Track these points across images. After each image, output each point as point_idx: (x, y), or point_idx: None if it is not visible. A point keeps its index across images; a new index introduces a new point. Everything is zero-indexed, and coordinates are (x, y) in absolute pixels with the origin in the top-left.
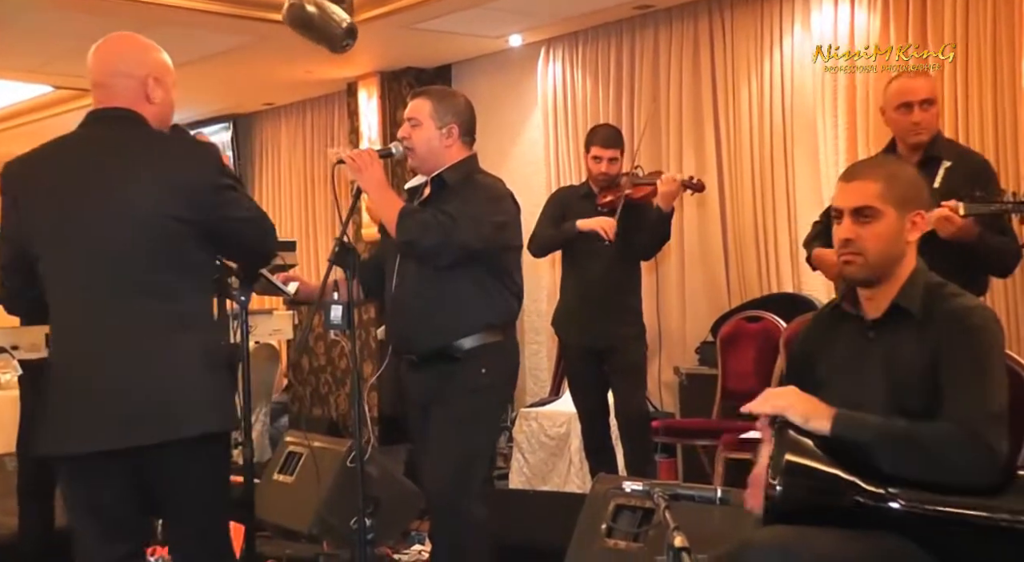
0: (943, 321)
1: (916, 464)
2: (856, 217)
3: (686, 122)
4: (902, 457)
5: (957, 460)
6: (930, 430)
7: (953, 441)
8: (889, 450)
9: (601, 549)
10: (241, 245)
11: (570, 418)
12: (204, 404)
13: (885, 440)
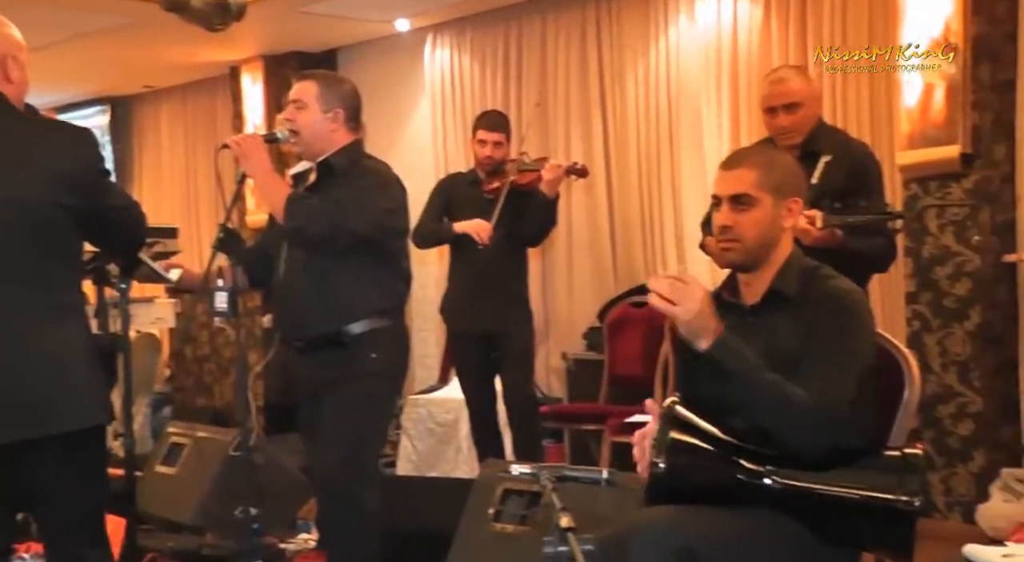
0: (817, 302)
1: (766, 413)
2: (734, 204)
3: (573, 109)
4: (760, 400)
5: (798, 432)
6: (793, 392)
7: (804, 414)
8: (752, 388)
9: (489, 533)
10: (117, 233)
11: (458, 405)
12: (81, 397)
13: (753, 379)
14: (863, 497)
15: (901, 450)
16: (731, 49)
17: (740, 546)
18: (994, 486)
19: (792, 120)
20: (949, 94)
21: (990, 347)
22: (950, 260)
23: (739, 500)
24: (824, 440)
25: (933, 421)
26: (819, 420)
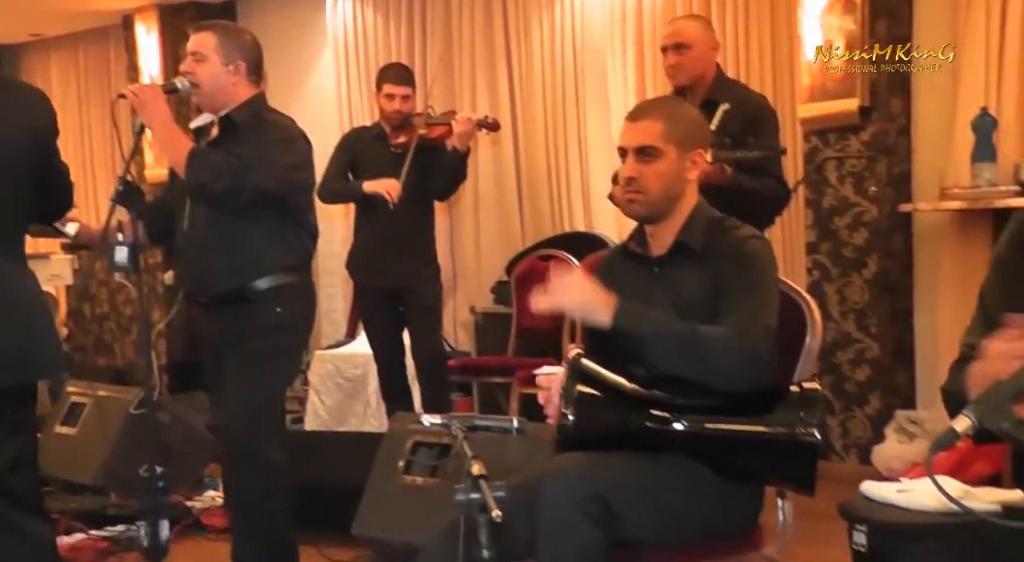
0: (722, 252)
1: (689, 362)
2: (639, 156)
3: (479, 62)
4: (677, 354)
5: (728, 363)
6: (708, 332)
7: (727, 345)
8: (666, 346)
9: (399, 486)
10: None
11: (366, 360)
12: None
13: (664, 336)
14: (767, 434)
15: (800, 386)
16: (636, 2)
17: (649, 489)
18: (889, 428)
19: (679, 59)
20: (848, 49)
21: (886, 295)
22: (848, 211)
23: (648, 446)
24: (755, 367)
25: (832, 367)
26: (744, 348)
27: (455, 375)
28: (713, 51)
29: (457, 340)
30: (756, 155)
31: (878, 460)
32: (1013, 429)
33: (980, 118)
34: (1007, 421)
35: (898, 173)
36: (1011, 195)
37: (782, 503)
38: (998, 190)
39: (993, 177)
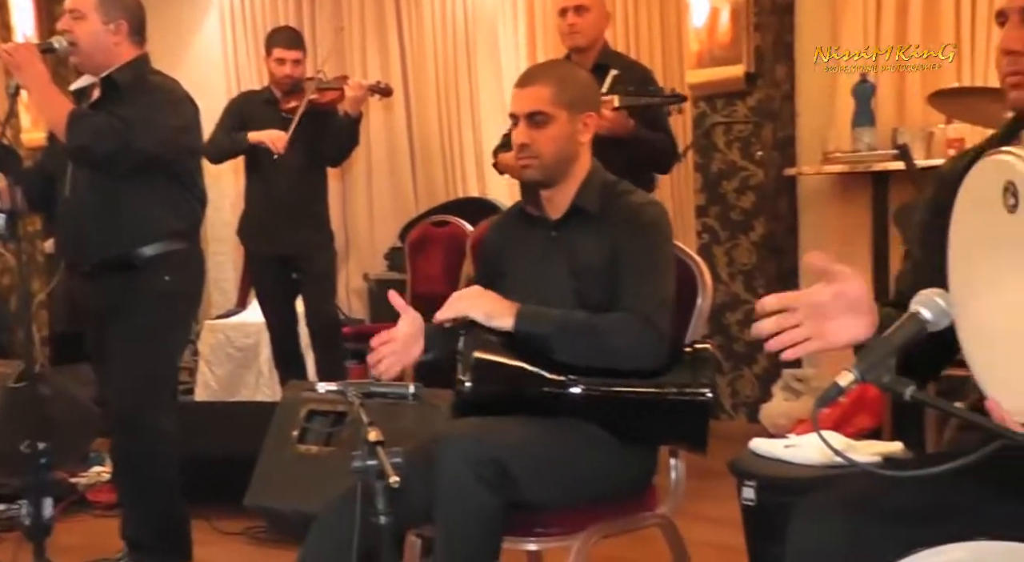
0: (618, 218)
1: (592, 352)
2: (530, 121)
3: (369, 26)
4: (579, 346)
5: (629, 344)
6: (605, 320)
7: (626, 328)
8: (568, 341)
9: (293, 455)
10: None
11: (258, 328)
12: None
13: (564, 331)
14: (661, 394)
15: (692, 346)
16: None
17: (546, 453)
18: (776, 386)
19: (577, 20)
20: (734, 16)
21: (773, 256)
22: (736, 175)
23: (545, 410)
24: (656, 343)
25: (721, 328)
26: (644, 329)
27: (349, 343)
28: (606, 19)
29: (351, 307)
30: (659, 100)
31: (765, 418)
32: (893, 382)
33: (859, 84)
34: (888, 375)
35: (783, 138)
36: (889, 159)
37: (675, 462)
38: (877, 154)
39: (872, 141)
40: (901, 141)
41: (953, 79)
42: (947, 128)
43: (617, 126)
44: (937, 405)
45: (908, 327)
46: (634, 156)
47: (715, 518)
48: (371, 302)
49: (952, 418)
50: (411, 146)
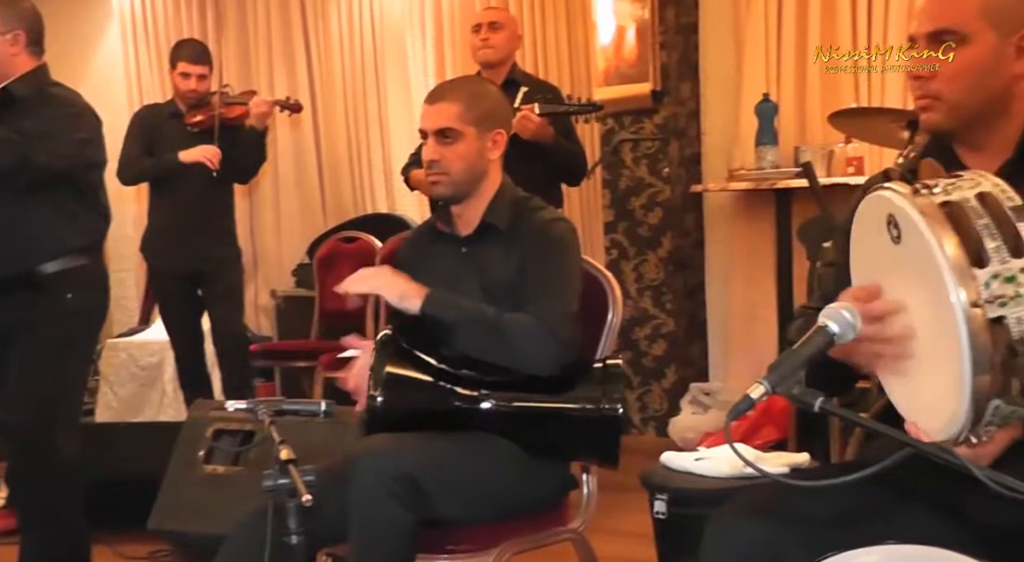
0: (527, 234)
1: (495, 348)
2: (440, 138)
3: (275, 41)
4: (484, 340)
5: (533, 349)
6: (513, 319)
7: (532, 332)
8: (473, 332)
9: (199, 475)
10: None
11: (162, 347)
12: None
13: (471, 322)
14: (572, 409)
15: (603, 362)
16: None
17: (458, 468)
18: (684, 400)
19: (492, 35)
20: (639, 35)
21: (680, 272)
22: (644, 191)
23: (457, 425)
24: (558, 352)
25: (631, 343)
26: (548, 335)
27: (257, 360)
28: (517, 40)
29: (258, 324)
30: (576, 109)
31: (674, 431)
32: (803, 394)
33: (762, 103)
34: (797, 387)
35: (689, 155)
36: (792, 176)
37: (587, 477)
38: (780, 171)
39: (776, 159)
40: (803, 159)
41: (852, 100)
42: (846, 147)
43: (541, 131)
44: (846, 416)
45: (816, 340)
46: (551, 166)
47: (627, 532)
48: (279, 319)
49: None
50: (319, 161)
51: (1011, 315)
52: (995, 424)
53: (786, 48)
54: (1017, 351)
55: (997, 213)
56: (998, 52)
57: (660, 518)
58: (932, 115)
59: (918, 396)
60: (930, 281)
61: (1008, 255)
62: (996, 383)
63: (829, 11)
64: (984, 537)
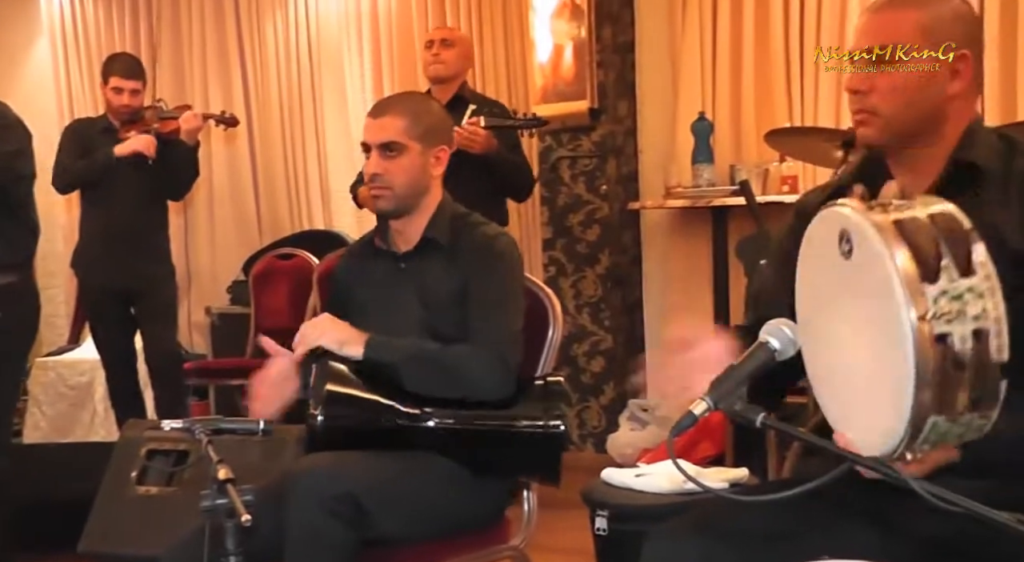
0: (469, 249)
1: (441, 383)
2: (383, 152)
3: (210, 55)
4: (428, 376)
5: (479, 377)
6: (455, 351)
7: (477, 360)
8: (416, 370)
9: (132, 497)
10: None
11: (93, 366)
12: None
13: (413, 361)
14: (515, 427)
15: (544, 379)
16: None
17: (399, 486)
18: (622, 417)
19: (444, 53)
20: (577, 53)
21: (618, 288)
22: (582, 208)
23: (399, 444)
24: (507, 376)
25: (569, 359)
26: (494, 361)
27: (191, 378)
28: (469, 60)
29: (192, 342)
30: (521, 123)
31: (612, 448)
32: (745, 410)
33: (698, 122)
34: (739, 403)
35: (626, 172)
36: (728, 194)
37: (527, 494)
38: (717, 189)
39: (712, 177)
40: (739, 177)
41: (786, 119)
42: (781, 165)
43: (487, 144)
44: (787, 431)
45: (758, 356)
46: (497, 181)
47: (568, 549)
48: (213, 337)
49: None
50: (255, 177)
51: (956, 333)
52: (930, 442)
53: (721, 67)
54: (963, 364)
55: (948, 233)
56: (932, 73)
57: (601, 534)
58: (868, 130)
59: (855, 411)
60: (879, 295)
61: (957, 274)
62: (937, 399)
63: (763, 31)
64: (920, 550)
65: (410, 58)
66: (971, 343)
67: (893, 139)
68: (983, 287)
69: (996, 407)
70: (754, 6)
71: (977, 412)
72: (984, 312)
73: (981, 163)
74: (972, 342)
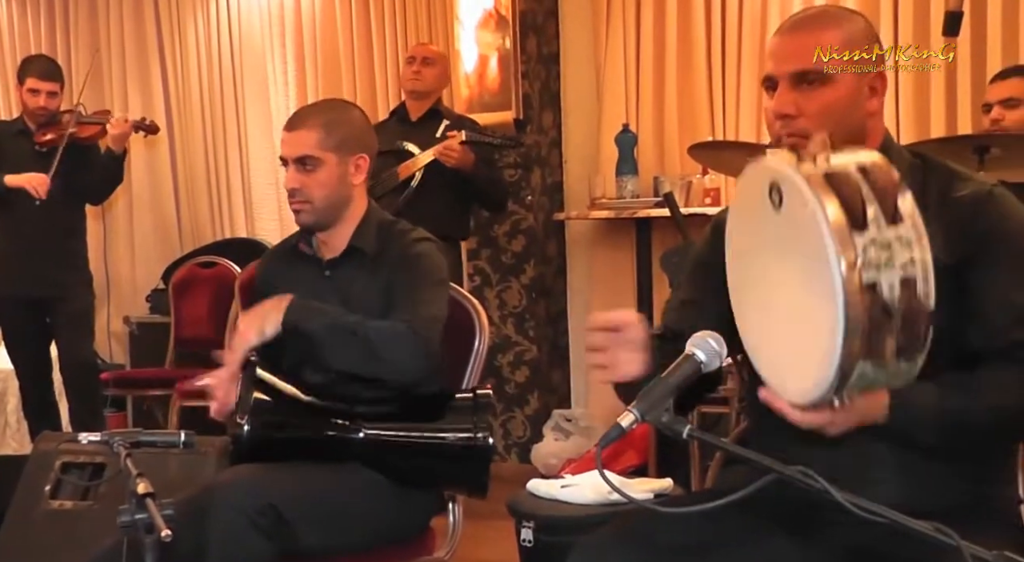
0: (393, 255)
1: (361, 356)
2: (299, 166)
3: (130, 59)
4: (349, 348)
5: (398, 353)
6: (377, 324)
7: (398, 337)
8: (338, 340)
9: (45, 511)
10: None
11: (5, 376)
12: None
13: (334, 330)
14: (445, 440)
15: (473, 391)
16: (294, 2)
17: (323, 498)
18: (547, 427)
19: (424, 70)
20: (502, 64)
21: (542, 299)
22: (507, 218)
23: (326, 455)
24: (422, 358)
25: (494, 369)
26: (413, 338)
27: (108, 389)
28: (447, 79)
29: (110, 353)
30: (499, 142)
31: (537, 458)
32: (671, 422)
33: (622, 134)
34: (666, 415)
35: (551, 183)
36: (652, 206)
37: (453, 506)
38: (641, 201)
39: (636, 189)
40: (663, 189)
41: (708, 132)
42: (704, 178)
43: (464, 159)
44: (713, 442)
45: (684, 368)
46: (473, 194)
47: (493, 560)
48: (132, 346)
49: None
50: (176, 184)
51: (884, 281)
52: (858, 388)
53: (644, 79)
54: (891, 311)
55: (876, 183)
56: (857, 91)
57: (527, 546)
58: None
59: (785, 361)
60: (809, 245)
61: (885, 222)
62: (866, 346)
63: (686, 43)
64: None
65: (334, 61)
66: (899, 291)
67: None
68: (911, 235)
69: (923, 352)
70: (677, 18)
71: (903, 358)
72: (911, 260)
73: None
74: (900, 290)
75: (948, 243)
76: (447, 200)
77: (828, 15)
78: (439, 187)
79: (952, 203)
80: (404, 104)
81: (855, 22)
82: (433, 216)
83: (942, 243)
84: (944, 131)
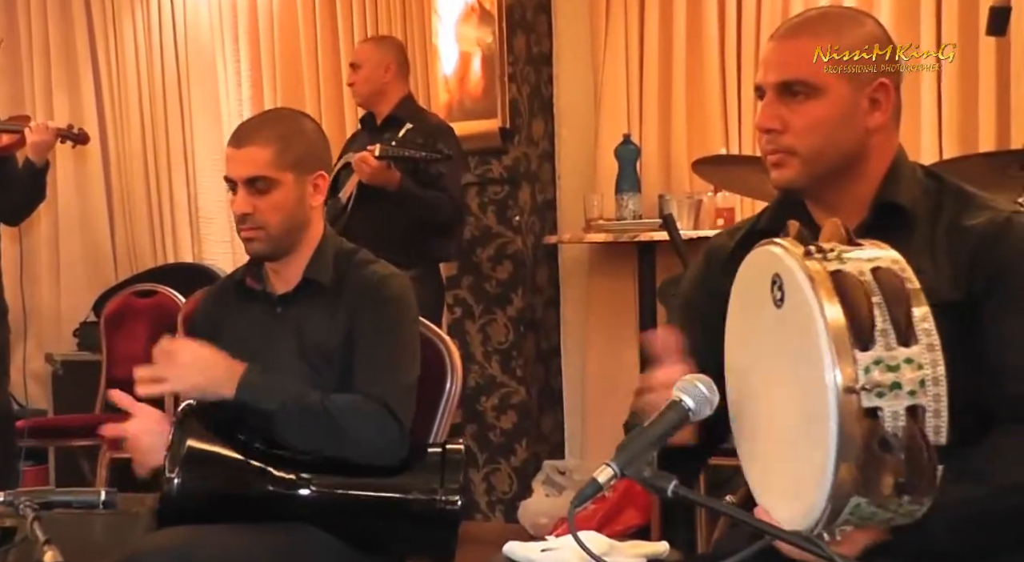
0: (356, 291)
1: (323, 435)
2: (250, 188)
3: (55, 61)
4: (309, 427)
5: (365, 431)
6: (340, 401)
7: (364, 415)
8: (296, 419)
9: None
10: None
11: None
12: None
13: (293, 409)
14: (405, 501)
15: (442, 446)
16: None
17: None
18: (536, 480)
19: (353, 76)
20: (486, 65)
21: (532, 333)
22: (492, 241)
23: (270, 514)
24: (397, 432)
25: (476, 414)
26: (384, 417)
27: (24, 440)
28: (385, 70)
29: (28, 396)
30: (421, 156)
31: (525, 516)
32: (654, 478)
33: (623, 146)
34: (648, 469)
35: (542, 201)
36: (655, 228)
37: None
38: (643, 223)
39: (638, 208)
40: (668, 209)
41: (721, 145)
42: (716, 197)
43: (379, 176)
44: (700, 502)
45: (670, 416)
46: (410, 214)
47: None
48: (55, 389)
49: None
50: (109, 201)
51: (887, 408)
52: (852, 523)
53: (649, 83)
54: (890, 445)
55: (891, 293)
56: (852, 104)
57: None
58: (785, 171)
59: (776, 480)
60: (807, 355)
61: (895, 341)
62: (860, 479)
63: (695, 43)
64: None
65: (295, 65)
66: (904, 421)
67: (812, 181)
68: (924, 358)
69: (931, 494)
70: (686, 14)
71: (908, 496)
72: (922, 386)
73: (907, 205)
74: (905, 420)
75: (956, 277)
76: (398, 220)
77: (828, 18)
78: (378, 206)
79: (964, 231)
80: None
81: (859, 25)
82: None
83: (950, 277)
84: (994, 145)
